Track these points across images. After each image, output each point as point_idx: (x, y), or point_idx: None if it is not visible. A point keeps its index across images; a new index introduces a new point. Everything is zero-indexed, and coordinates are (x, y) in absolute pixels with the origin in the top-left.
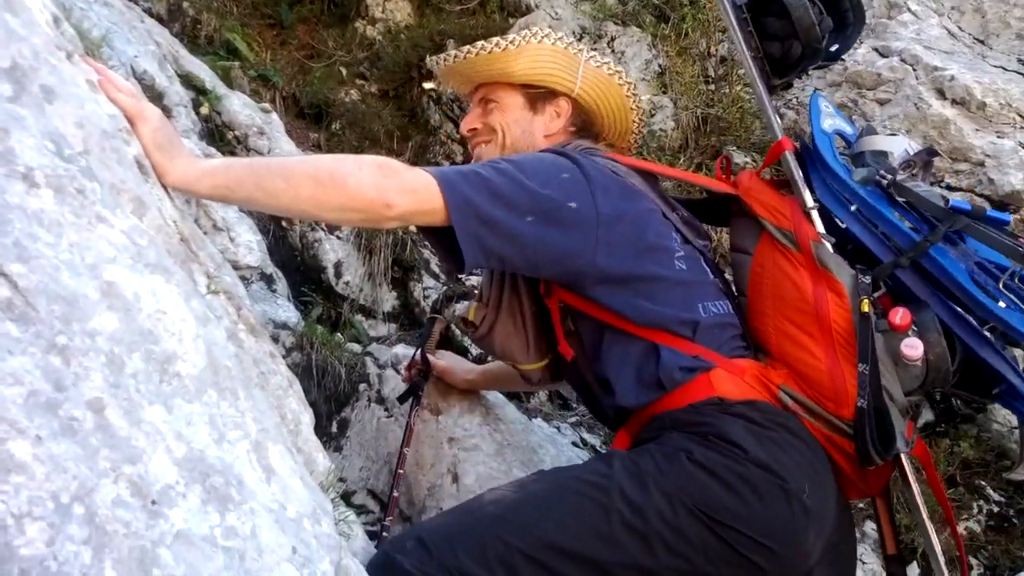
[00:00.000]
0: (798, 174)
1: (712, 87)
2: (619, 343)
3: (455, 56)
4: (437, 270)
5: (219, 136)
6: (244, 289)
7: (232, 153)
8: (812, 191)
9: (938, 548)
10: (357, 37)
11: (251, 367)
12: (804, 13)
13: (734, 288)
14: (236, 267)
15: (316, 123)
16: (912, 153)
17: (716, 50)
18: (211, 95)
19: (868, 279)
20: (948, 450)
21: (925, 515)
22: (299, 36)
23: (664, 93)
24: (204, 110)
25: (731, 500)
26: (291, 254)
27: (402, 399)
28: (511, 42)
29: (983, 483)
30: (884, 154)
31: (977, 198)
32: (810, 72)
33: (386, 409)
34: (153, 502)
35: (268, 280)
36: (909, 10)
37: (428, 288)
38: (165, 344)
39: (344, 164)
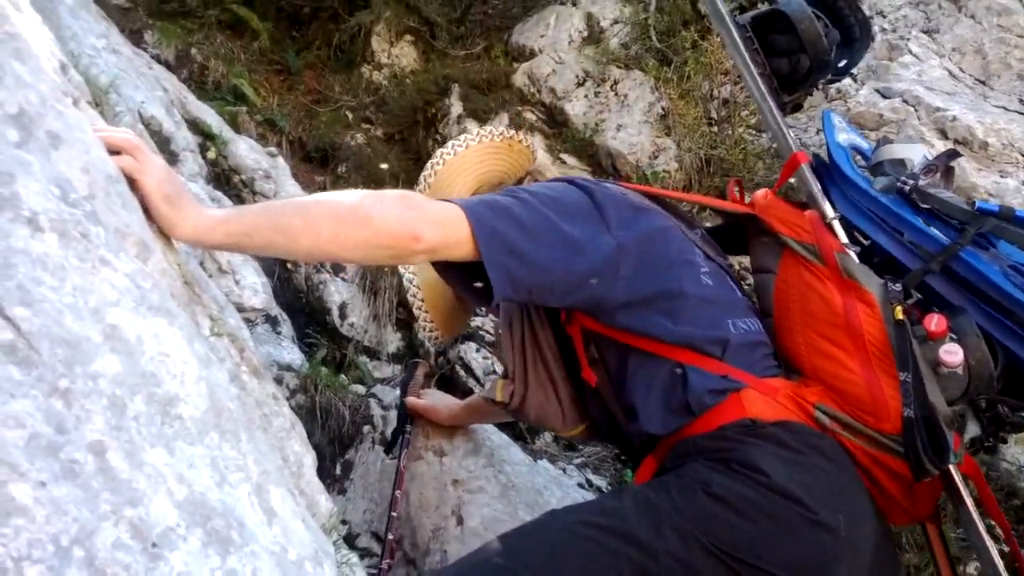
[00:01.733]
0: (816, 186)
1: (715, 129)
2: (645, 367)
3: None
4: None
5: (226, 180)
6: (248, 331)
7: (239, 197)
8: (832, 204)
9: (999, 562)
10: (363, 82)
11: (254, 409)
12: (810, 25)
13: (759, 309)
14: (241, 309)
15: (322, 166)
16: (932, 158)
17: (718, 92)
18: (218, 139)
19: (898, 287)
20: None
21: (982, 529)
22: (306, 81)
23: (667, 135)
24: (211, 154)
25: (751, 534)
26: (296, 296)
27: (388, 447)
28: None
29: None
30: (903, 162)
31: None
32: (821, 87)
33: (385, 451)
34: (154, 545)
35: (273, 322)
36: (910, 52)
37: None
38: (167, 387)
39: (365, 199)
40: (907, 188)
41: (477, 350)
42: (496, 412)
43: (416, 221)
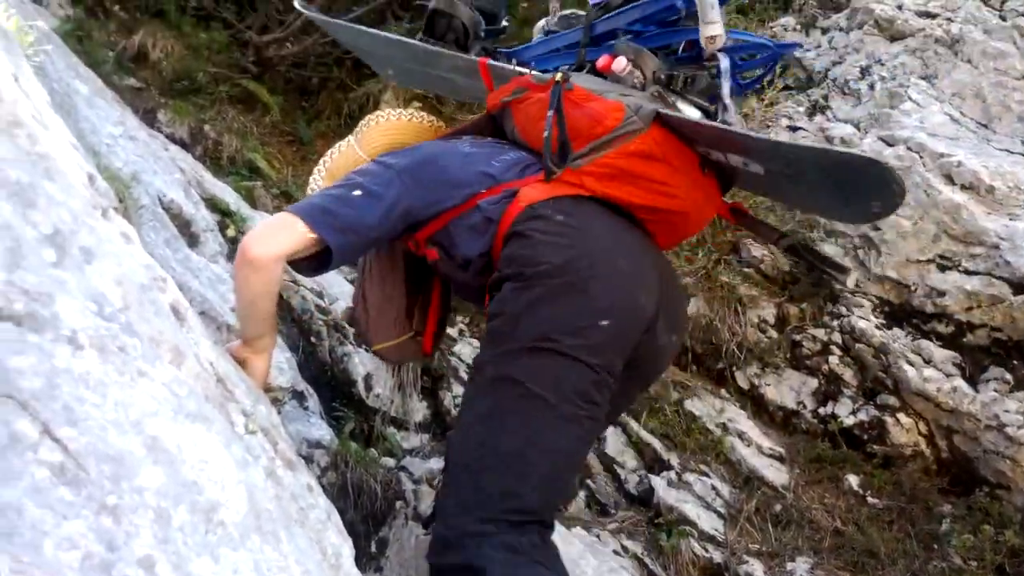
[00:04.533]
0: (502, 63)
1: None
2: (458, 226)
3: None
4: (465, 376)
5: None
6: (278, 417)
7: None
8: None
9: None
10: None
11: (290, 503)
12: (443, 4)
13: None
14: (268, 389)
15: None
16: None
17: None
18: (236, 217)
19: (567, 66)
20: (993, 539)
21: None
22: (319, 150)
23: None
24: (230, 232)
25: (563, 312)
26: (321, 369)
27: (426, 524)
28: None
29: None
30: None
31: (996, 281)
32: None
33: (424, 526)
34: None
35: (300, 397)
36: (910, 99)
37: (457, 396)
38: (208, 493)
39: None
40: (546, 28)
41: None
42: None
43: (248, 242)
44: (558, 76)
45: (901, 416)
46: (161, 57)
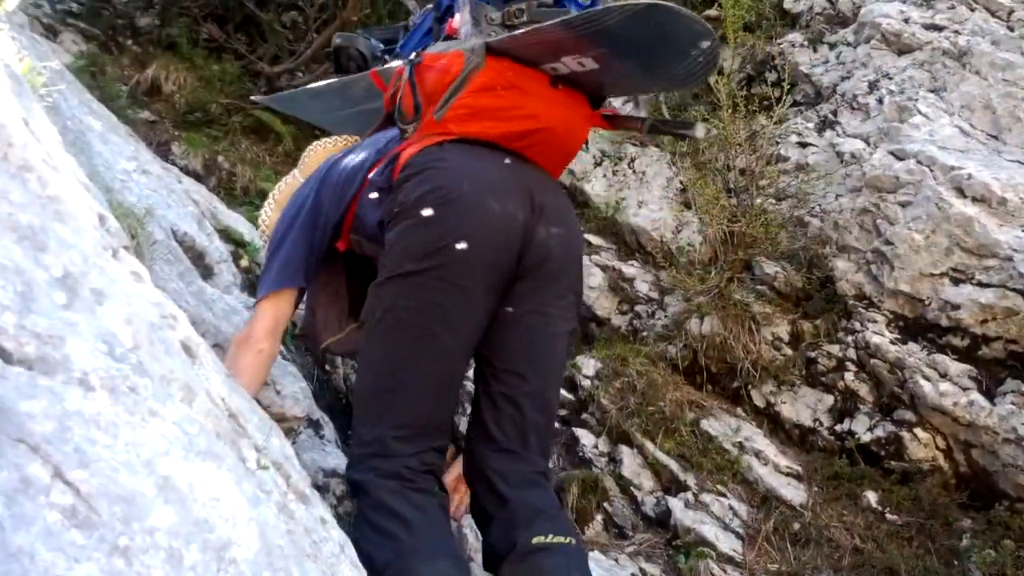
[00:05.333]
0: (385, 67)
1: (734, 200)
2: (363, 208)
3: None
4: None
5: None
6: (292, 449)
7: None
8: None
9: None
10: None
11: (303, 537)
12: (341, 42)
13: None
14: (283, 419)
15: None
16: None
17: (735, 164)
18: (250, 247)
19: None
20: (1014, 553)
21: None
22: None
23: (689, 209)
24: (244, 262)
25: (420, 237)
26: (336, 397)
27: None
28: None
29: None
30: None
31: (1010, 293)
32: None
33: None
34: None
35: (315, 426)
36: (920, 112)
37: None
38: (220, 531)
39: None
40: (412, 23)
41: None
42: None
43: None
44: (412, 56)
45: (918, 431)
46: (174, 90)
